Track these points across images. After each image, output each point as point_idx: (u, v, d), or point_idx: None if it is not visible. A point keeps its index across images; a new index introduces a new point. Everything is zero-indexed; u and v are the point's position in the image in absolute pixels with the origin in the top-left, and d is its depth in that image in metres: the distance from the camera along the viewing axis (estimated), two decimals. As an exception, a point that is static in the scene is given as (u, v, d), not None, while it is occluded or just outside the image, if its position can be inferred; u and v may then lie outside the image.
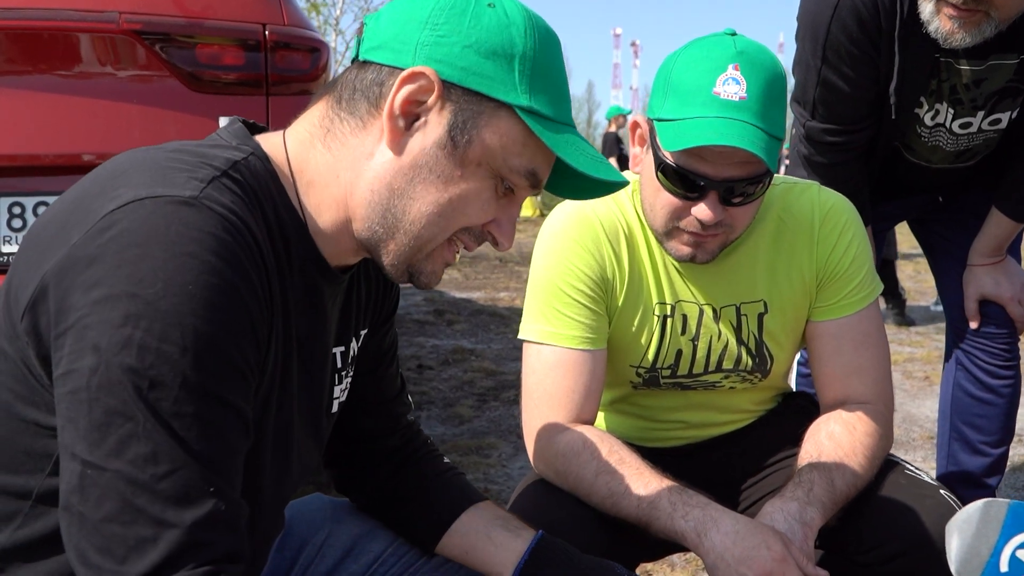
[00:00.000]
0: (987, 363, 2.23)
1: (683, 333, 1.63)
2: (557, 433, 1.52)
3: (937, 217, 2.33)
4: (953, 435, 2.30)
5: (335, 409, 1.25)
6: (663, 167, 1.45)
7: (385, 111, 1.01)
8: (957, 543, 1.26)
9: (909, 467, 1.59)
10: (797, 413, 1.74)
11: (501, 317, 6.16)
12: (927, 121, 2.04)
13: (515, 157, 1.03)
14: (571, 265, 1.56)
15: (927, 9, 1.81)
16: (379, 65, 1.03)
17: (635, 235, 1.61)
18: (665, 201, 1.48)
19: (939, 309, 6.56)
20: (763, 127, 1.38)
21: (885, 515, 1.47)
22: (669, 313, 1.62)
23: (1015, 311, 2.20)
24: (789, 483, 1.47)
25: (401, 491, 1.38)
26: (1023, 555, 1.26)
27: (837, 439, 1.53)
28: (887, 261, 6.14)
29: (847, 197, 1.68)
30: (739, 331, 1.63)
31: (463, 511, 1.35)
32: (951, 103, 1.99)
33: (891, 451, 1.62)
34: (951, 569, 1.27)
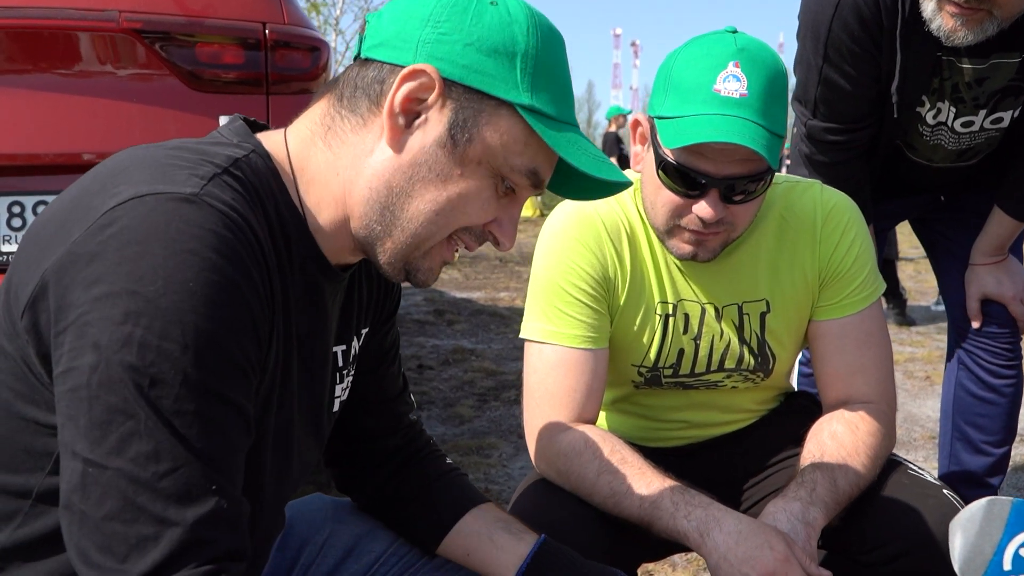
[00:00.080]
0: (989, 362, 2.22)
1: (685, 332, 1.62)
2: (559, 432, 1.51)
3: (939, 216, 2.33)
4: (955, 435, 2.29)
5: (336, 408, 1.25)
6: (664, 165, 1.45)
7: (385, 109, 1.00)
8: (960, 541, 1.26)
9: (912, 467, 1.59)
10: (799, 413, 1.74)
11: (501, 317, 6.16)
12: (929, 120, 2.04)
13: (516, 156, 1.03)
14: (573, 264, 1.56)
15: (929, 7, 1.81)
16: (380, 63, 1.02)
17: (637, 234, 1.60)
18: (666, 199, 1.48)
19: (940, 309, 6.56)
20: (764, 124, 1.37)
21: (888, 515, 1.47)
22: (671, 312, 1.61)
23: (1017, 310, 2.19)
24: (792, 483, 1.47)
25: (402, 491, 1.37)
26: (1027, 553, 1.26)
27: (840, 439, 1.53)
28: (888, 261, 6.14)
29: (849, 196, 1.68)
30: (741, 330, 1.63)
31: (465, 512, 1.34)
32: (953, 102, 1.99)
33: (893, 451, 1.62)
34: (954, 567, 1.27)
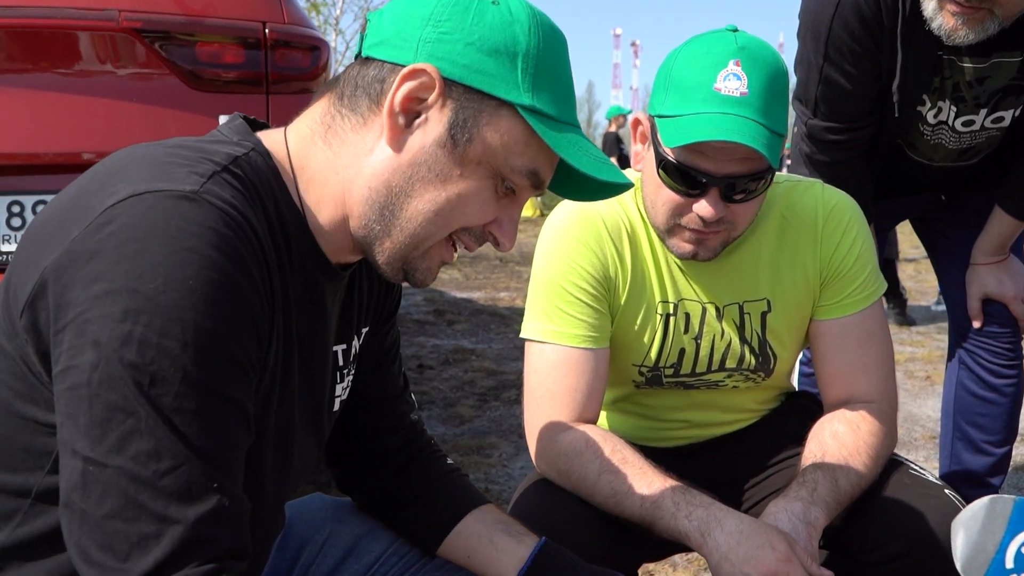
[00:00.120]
0: (990, 362, 2.22)
1: (686, 332, 1.62)
2: (559, 432, 1.51)
3: (940, 215, 2.33)
4: (956, 434, 2.29)
5: (336, 408, 1.24)
6: (664, 164, 1.45)
7: (385, 108, 1.00)
8: (962, 539, 1.25)
9: (913, 466, 1.58)
10: (800, 412, 1.73)
11: (502, 317, 6.16)
12: (930, 119, 2.03)
13: (516, 157, 1.02)
14: (574, 263, 1.55)
15: (930, 6, 1.80)
16: (381, 62, 1.02)
17: (638, 233, 1.60)
18: (666, 198, 1.47)
19: (940, 309, 6.56)
20: (764, 123, 1.37)
21: (889, 515, 1.47)
22: (672, 312, 1.61)
23: (1018, 310, 2.19)
24: (793, 483, 1.46)
25: (403, 491, 1.37)
26: (1029, 552, 1.26)
27: (841, 438, 1.52)
28: (888, 261, 6.15)
29: (849, 195, 1.67)
30: (742, 330, 1.63)
31: (465, 514, 1.34)
32: (954, 101, 1.98)
33: (894, 451, 1.61)
34: (956, 566, 1.26)
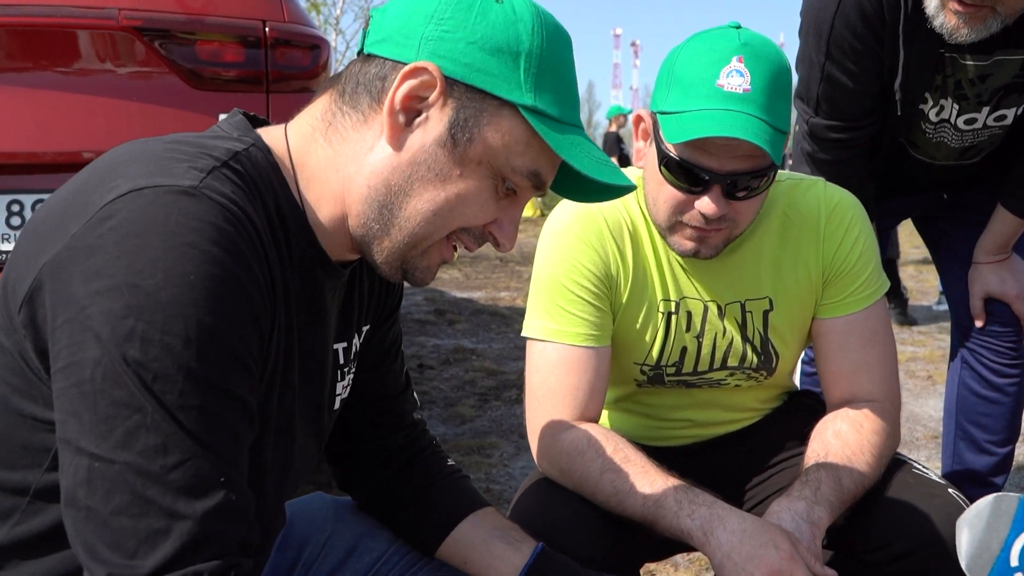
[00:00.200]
0: (993, 361, 2.21)
1: (688, 330, 1.61)
2: (561, 431, 1.50)
3: (942, 214, 2.32)
4: (959, 434, 2.28)
5: (337, 406, 1.24)
6: (666, 160, 1.44)
7: (386, 106, 0.99)
8: (967, 538, 1.25)
9: (917, 466, 1.58)
10: (803, 411, 1.73)
11: (502, 317, 6.15)
12: (932, 117, 2.03)
13: (517, 157, 1.01)
14: (575, 262, 1.55)
15: (932, 4, 1.80)
16: (382, 59, 1.01)
17: (639, 232, 1.59)
18: (668, 195, 1.47)
19: (941, 308, 6.55)
20: (767, 120, 1.36)
21: (893, 514, 1.46)
22: (674, 310, 1.60)
23: (1020, 309, 2.18)
24: (796, 482, 1.46)
25: (403, 491, 1.37)
26: (1033, 550, 1.25)
27: (844, 437, 1.52)
28: (890, 260, 6.13)
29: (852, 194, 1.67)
30: (744, 328, 1.62)
31: (463, 518, 1.34)
32: (956, 99, 1.98)
33: (896, 450, 1.61)
34: (961, 564, 1.26)
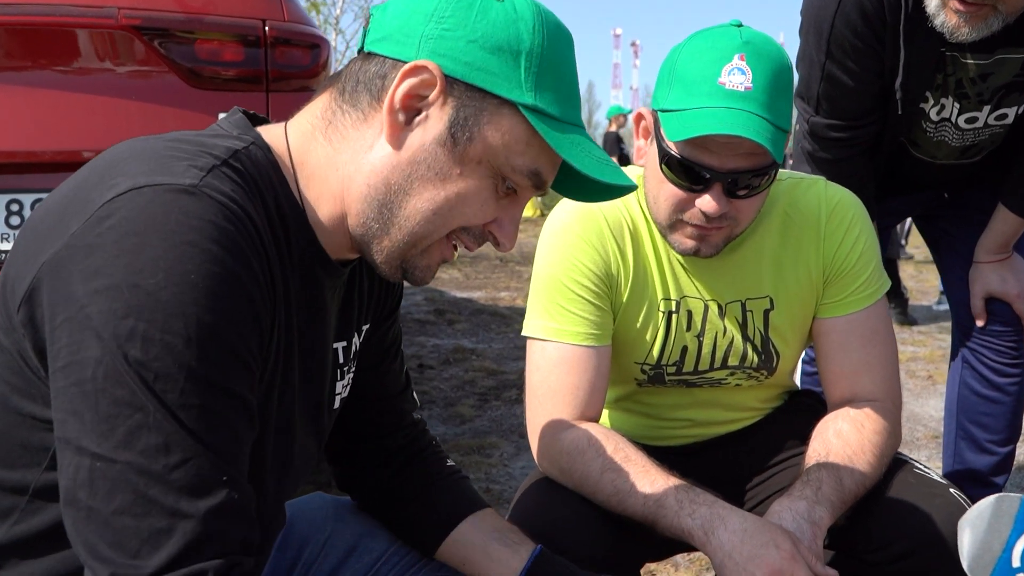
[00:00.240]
0: (994, 361, 2.21)
1: (688, 329, 1.61)
2: (562, 430, 1.50)
3: (942, 213, 2.32)
4: (960, 434, 2.28)
5: (337, 405, 1.23)
6: (667, 159, 1.44)
7: (386, 105, 0.99)
8: (969, 539, 1.24)
9: (918, 465, 1.57)
10: (804, 411, 1.72)
11: (502, 317, 6.15)
12: (932, 116, 2.02)
13: (518, 157, 1.01)
14: (575, 261, 1.55)
15: (933, 3, 1.79)
16: (383, 57, 1.00)
17: (640, 231, 1.59)
18: (669, 193, 1.46)
19: (941, 308, 6.56)
20: (769, 118, 1.36)
21: (894, 514, 1.46)
22: (674, 309, 1.60)
23: (1022, 308, 2.18)
24: (797, 482, 1.45)
25: (402, 491, 1.37)
26: (1035, 550, 1.25)
27: (845, 437, 1.51)
28: (890, 260, 6.13)
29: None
30: (744, 327, 1.62)
31: (463, 519, 1.34)
32: (957, 98, 1.97)
33: (897, 450, 1.60)
34: (963, 565, 1.26)
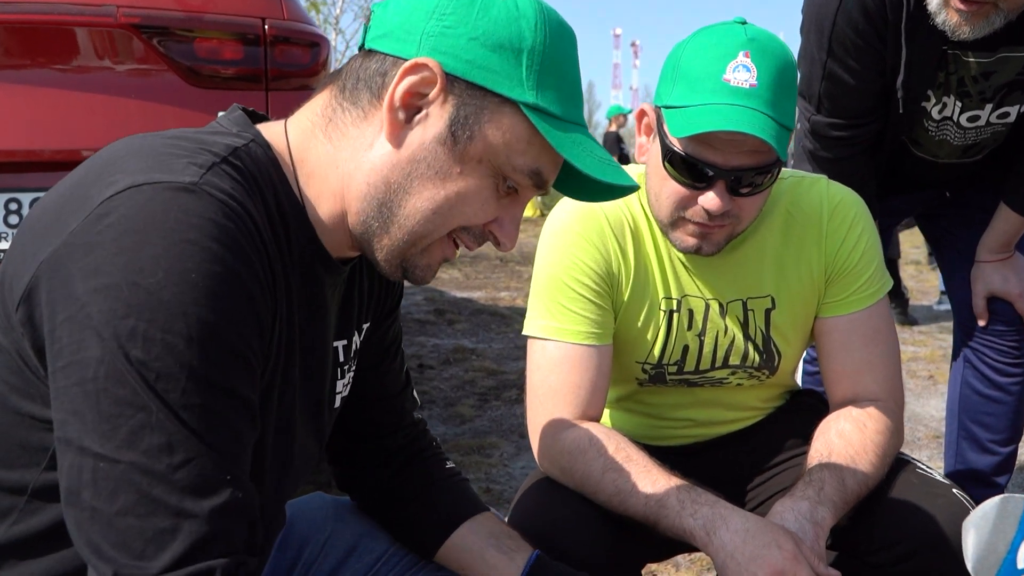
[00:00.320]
0: (996, 360, 2.20)
1: (689, 328, 1.60)
2: (563, 430, 1.49)
3: (944, 212, 2.31)
4: (961, 433, 2.27)
5: (337, 404, 1.23)
6: (671, 155, 1.43)
7: (386, 102, 0.98)
8: (973, 540, 1.24)
9: (921, 465, 1.57)
10: (806, 411, 1.72)
11: (502, 317, 6.14)
12: (934, 115, 2.02)
13: (518, 156, 1.00)
14: (576, 260, 1.54)
15: (934, 1, 1.79)
16: (383, 55, 1.00)
17: (640, 229, 1.58)
18: (671, 190, 1.46)
19: (942, 308, 6.55)
20: (773, 115, 1.36)
21: (897, 515, 1.45)
22: (675, 308, 1.59)
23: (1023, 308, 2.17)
24: (799, 482, 1.45)
25: (402, 491, 1.36)
26: (1041, 552, 1.24)
27: (848, 437, 1.51)
28: (890, 260, 6.13)
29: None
30: (746, 326, 1.61)
31: (461, 522, 1.33)
32: (959, 96, 1.97)
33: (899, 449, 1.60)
34: (967, 567, 1.25)
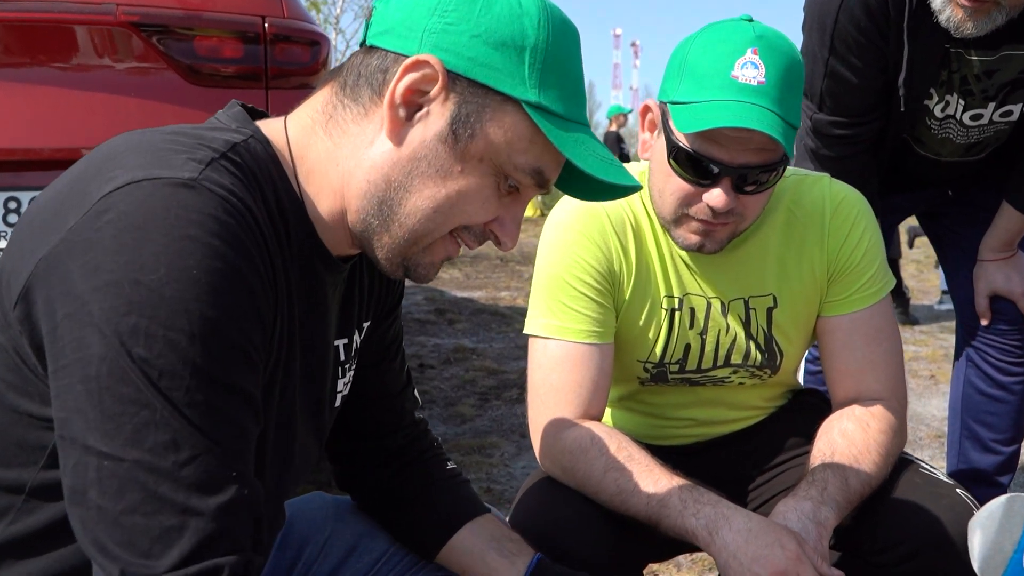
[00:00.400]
0: (998, 360, 2.19)
1: (691, 327, 1.60)
2: (564, 429, 1.49)
3: (947, 211, 2.30)
4: (964, 433, 2.27)
5: (338, 403, 1.22)
6: (676, 152, 1.42)
7: (386, 99, 0.97)
8: (979, 540, 1.23)
9: (924, 465, 1.56)
10: (808, 410, 1.71)
11: (502, 316, 6.14)
12: (937, 113, 2.01)
13: (520, 154, 0.99)
14: (577, 258, 1.53)
15: None
16: (384, 51, 0.99)
17: (642, 227, 1.58)
18: (676, 187, 1.45)
19: (943, 308, 6.55)
20: (781, 113, 1.35)
21: (900, 515, 1.44)
22: (677, 306, 1.59)
23: (1026, 307, 2.17)
24: (802, 482, 1.44)
25: (402, 491, 1.36)
26: (1048, 551, 1.23)
27: (850, 436, 1.50)
28: (891, 260, 6.12)
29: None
30: (748, 325, 1.60)
31: (462, 524, 1.33)
32: (962, 94, 1.96)
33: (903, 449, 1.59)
34: (973, 566, 1.24)
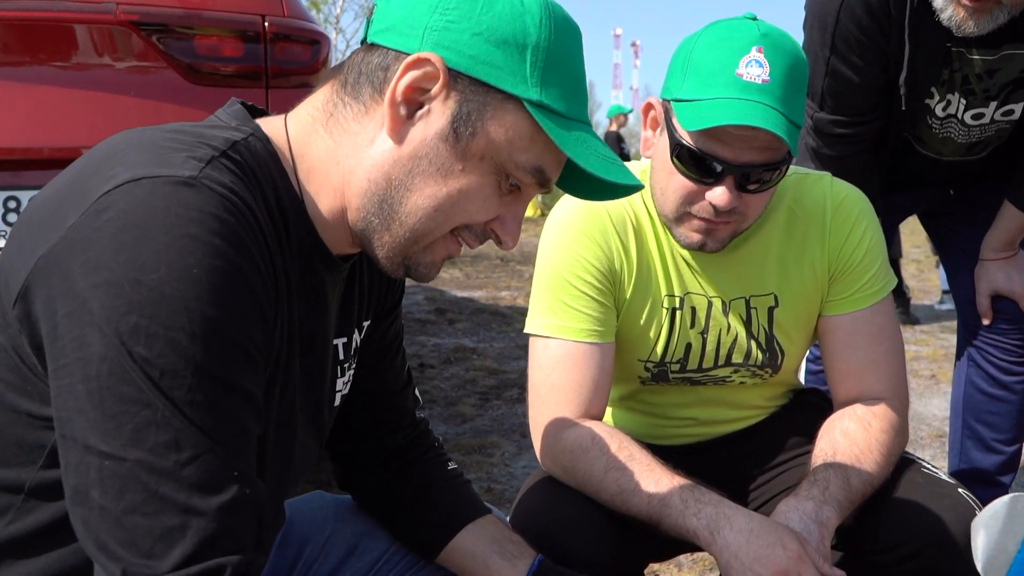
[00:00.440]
0: (1000, 359, 2.19)
1: (692, 326, 1.59)
2: (565, 428, 1.48)
3: (948, 210, 2.30)
4: (966, 432, 2.26)
5: (337, 402, 1.22)
6: (679, 149, 1.41)
7: (387, 97, 0.97)
8: (983, 540, 1.23)
9: (926, 465, 1.56)
10: (810, 409, 1.71)
11: (503, 316, 6.14)
12: (938, 112, 2.01)
13: (521, 153, 0.99)
14: (578, 257, 1.53)
15: None
16: (385, 49, 0.98)
17: (643, 226, 1.57)
18: (678, 185, 1.44)
19: (944, 308, 6.54)
20: (785, 112, 1.34)
21: (902, 515, 1.44)
22: (678, 305, 1.58)
23: (1028, 306, 2.16)
24: (804, 482, 1.43)
25: (403, 491, 1.35)
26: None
27: (852, 436, 1.49)
28: (892, 259, 6.11)
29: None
30: (749, 324, 1.60)
31: (463, 525, 1.32)
32: (963, 93, 1.96)
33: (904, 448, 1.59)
34: (977, 567, 1.24)
